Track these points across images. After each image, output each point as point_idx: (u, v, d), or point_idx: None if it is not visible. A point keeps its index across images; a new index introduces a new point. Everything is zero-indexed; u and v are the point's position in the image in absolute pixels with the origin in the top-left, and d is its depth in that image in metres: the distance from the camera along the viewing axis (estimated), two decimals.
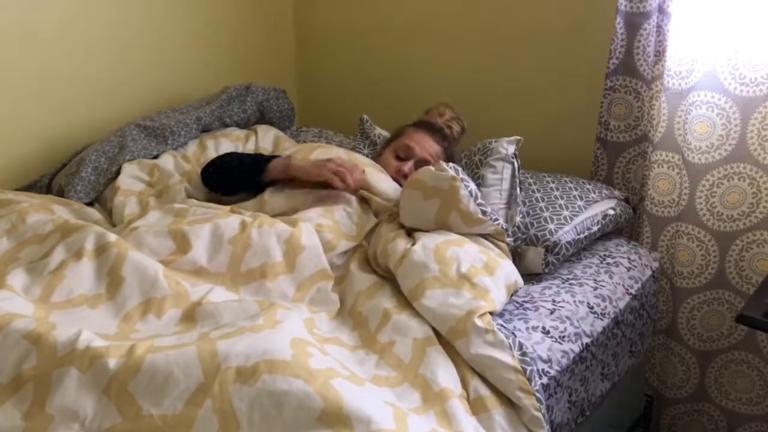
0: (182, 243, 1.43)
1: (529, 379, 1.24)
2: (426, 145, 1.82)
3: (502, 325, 1.36)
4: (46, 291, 1.31)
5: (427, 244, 1.42)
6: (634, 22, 1.83)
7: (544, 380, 1.33)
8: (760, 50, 1.72)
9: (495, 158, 1.71)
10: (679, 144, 1.86)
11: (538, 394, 1.24)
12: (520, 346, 1.29)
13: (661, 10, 1.81)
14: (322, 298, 1.42)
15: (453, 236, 1.47)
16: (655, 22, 1.82)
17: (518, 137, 1.74)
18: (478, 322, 1.28)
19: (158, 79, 2.22)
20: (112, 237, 1.41)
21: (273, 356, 1.08)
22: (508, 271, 1.46)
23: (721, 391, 1.97)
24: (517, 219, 1.66)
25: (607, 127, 1.95)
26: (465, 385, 1.24)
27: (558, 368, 1.39)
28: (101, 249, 1.39)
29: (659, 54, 1.83)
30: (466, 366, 1.26)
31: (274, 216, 1.55)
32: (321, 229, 1.51)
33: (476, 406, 1.21)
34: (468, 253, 1.42)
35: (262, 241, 1.44)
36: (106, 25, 2.06)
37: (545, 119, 2.12)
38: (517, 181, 1.71)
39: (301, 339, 1.16)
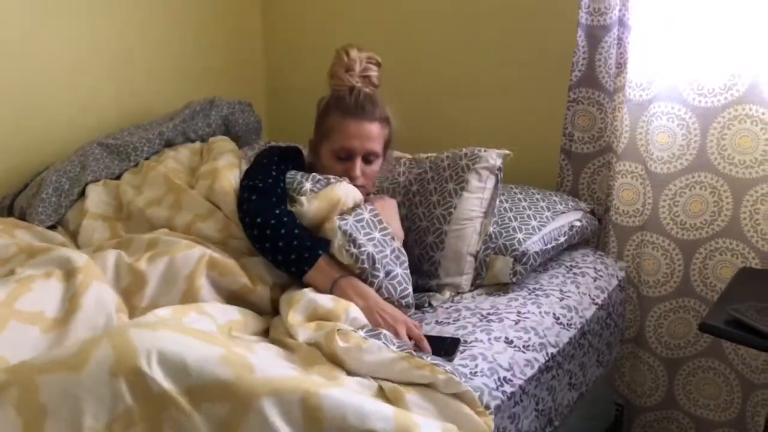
0: (138, 279, 1.41)
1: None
2: (364, 134, 1.60)
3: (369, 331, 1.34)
4: (10, 297, 1.27)
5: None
6: (595, 35, 1.86)
7: (507, 388, 1.33)
8: (717, 61, 1.76)
9: (482, 167, 1.71)
10: (642, 154, 1.89)
11: (435, 362, 1.22)
12: (388, 338, 1.29)
13: (622, 23, 1.84)
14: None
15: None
16: (616, 34, 1.85)
17: (508, 152, 1.75)
18: (341, 343, 1.25)
19: (124, 97, 2.19)
20: (80, 261, 1.38)
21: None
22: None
23: (690, 398, 1.99)
24: (490, 229, 1.68)
25: (572, 139, 1.97)
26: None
27: (522, 377, 1.38)
28: (70, 273, 1.35)
29: (620, 66, 1.86)
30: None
31: None
32: None
33: (393, 399, 1.20)
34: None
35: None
36: (67, 43, 2.04)
37: (510, 131, 2.14)
38: (498, 193, 1.72)
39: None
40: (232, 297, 1.44)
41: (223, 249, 1.53)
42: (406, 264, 1.52)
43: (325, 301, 1.36)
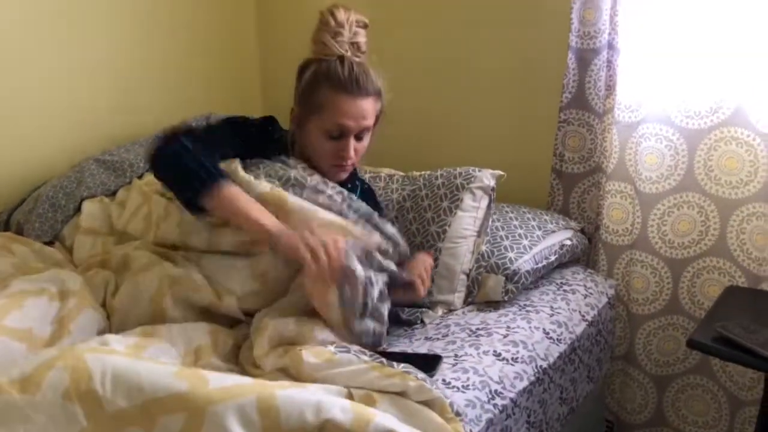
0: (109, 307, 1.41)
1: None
2: (360, 112, 1.46)
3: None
4: (1, 312, 1.27)
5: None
6: (585, 58, 1.90)
7: (498, 401, 1.35)
8: (704, 85, 1.81)
9: (476, 186, 1.74)
10: (631, 174, 1.93)
11: (406, 370, 1.21)
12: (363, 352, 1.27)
13: (611, 46, 1.89)
14: None
15: None
16: (605, 57, 1.89)
17: (501, 173, 1.78)
18: (312, 359, 1.21)
19: (121, 114, 2.22)
20: (74, 285, 1.39)
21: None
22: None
23: (678, 414, 2.02)
24: (483, 248, 1.70)
25: (562, 159, 2.01)
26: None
27: (512, 389, 1.40)
28: (63, 294, 1.36)
29: (610, 88, 1.91)
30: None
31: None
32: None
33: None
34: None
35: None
36: (66, 61, 2.06)
37: (502, 151, 2.17)
38: (491, 212, 1.75)
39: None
40: (203, 311, 1.40)
41: (185, 253, 1.47)
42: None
43: (291, 325, 1.30)
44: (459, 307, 1.70)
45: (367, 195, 1.67)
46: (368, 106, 1.48)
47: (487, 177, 1.75)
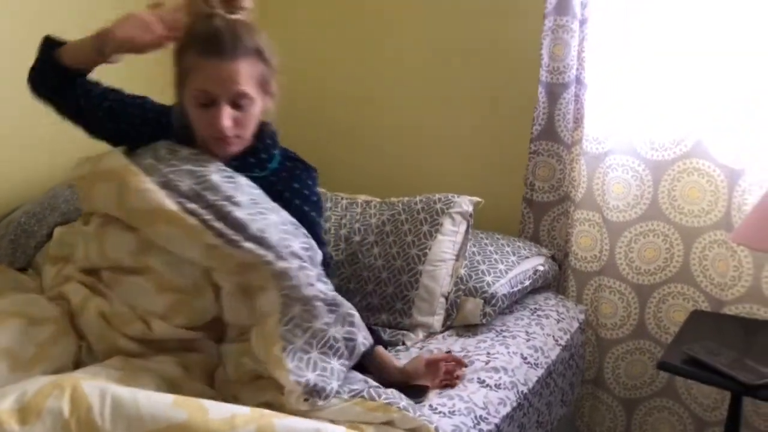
0: None
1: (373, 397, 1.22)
2: (226, 75, 1.30)
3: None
4: None
5: None
6: (555, 92, 1.99)
7: (484, 427, 1.38)
8: (667, 119, 1.90)
9: (455, 211, 1.79)
10: (599, 203, 2.01)
11: (387, 401, 1.21)
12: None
13: (579, 81, 1.98)
14: None
15: None
16: (573, 91, 1.98)
17: (479, 199, 1.85)
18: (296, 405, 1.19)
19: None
20: (51, 311, 1.34)
21: None
22: None
23: None
24: (461, 271, 1.74)
25: (533, 188, 2.08)
26: None
27: (497, 415, 1.43)
28: (41, 319, 1.31)
29: (578, 121, 1.99)
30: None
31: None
32: None
33: None
34: None
35: None
36: None
37: (475, 180, 2.23)
38: (469, 237, 1.80)
39: None
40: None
41: (104, 278, 1.38)
42: None
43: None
44: (438, 330, 1.73)
45: (284, 178, 1.47)
46: (239, 69, 1.31)
47: (466, 203, 1.80)
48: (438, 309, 1.72)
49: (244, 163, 1.41)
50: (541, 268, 1.94)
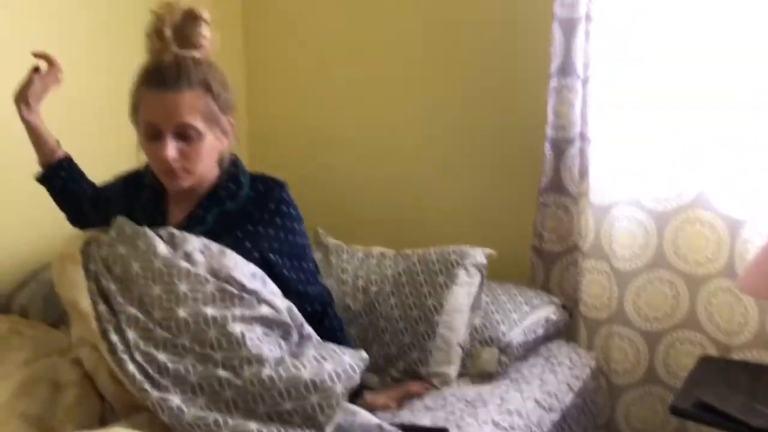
0: None
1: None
2: (169, 106, 1.34)
3: None
4: (13, 396, 1.30)
5: None
6: (560, 147, 2.09)
7: None
8: (669, 171, 1.99)
9: (470, 263, 1.86)
10: (606, 253, 2.08)
11: None
12: None
13: (583, 137, 2.08)
14: None
15: None
16: (578, 146, 2.08)
17: (492, 251, 1.92)
18: None
19: None
20: (75, 375, 1.39)
21: None
22: None
23: None
24: (476, 321, 1.81)
25: (542, 239, 2.16)
26: None
27: None
28: (66, 384, 1.37)
29: (583, 174, 2.08)
30: None
31: None
32: None
33: None
34: None
35: None
36: (78, 144, 2.13)
37: (486, 231, 2.31)
38: (483, 288, 1.87)
39: None
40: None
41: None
42: None
43: None
44: (454, 379, 1.79)
45: (259, 203, 1.48)
46: (184, 100, 1.34)
47: (480, 255, 1.88)
48: (455, 358, 1.78)
49: (214, 198, 1.47)
50: (552, 316, 2.01)
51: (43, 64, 1.59)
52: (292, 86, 2.63)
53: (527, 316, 1.92)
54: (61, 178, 1.67)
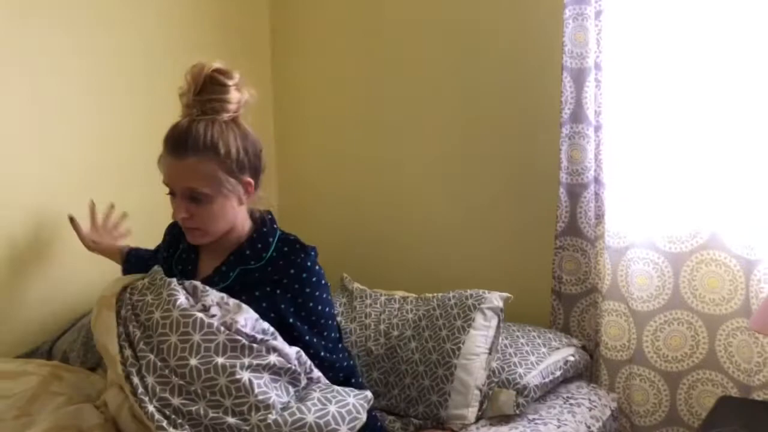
0: None
1: None
2: (176, 172, 1.46)
3: None
4: None
5: None
6: (575, 192, 2.15)
7: None
8: (683, 213, 2.04)
9: (487, 306, 1.91)
10: (624, 294, 2.12)
11: None
12: None
13: (597, 181, 2.14)
14: None
15: None
16: (593, 191, 2.13)
17: (509, 295, 1.97)
18: None
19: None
20: (98, 418, 1.49)
21: None
22: None
23: None
24: (494, 364, 1.86)
25: (561, 281, 2.21)
26: None
27: None
28: (90, 429, 1.46)
29: (599, 217, 2.14)
30: None
31: None
32: None
33: None
34: None
35: None
36: (106, 196, 2.24)
37: (508, 275, 2.37)
38: (500, 331, 1.92)
39: None
40: None
41: None
42: None
43: None
44: (472, 421, 1.83)
45: (280, 266, 1.54)
46: (189, 166, 1.43)
47: (496, 298, 1.94)
48: (472, 401, 1.83)
49: (240, 256, 1.55)
50: (571, 358, 2.04)
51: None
52: (320, 141, 2.75)
53: (545, 358, 1.96)
54: (129, 264, 1.95)
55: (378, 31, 2.57)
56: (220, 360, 1.35)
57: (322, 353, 1.55)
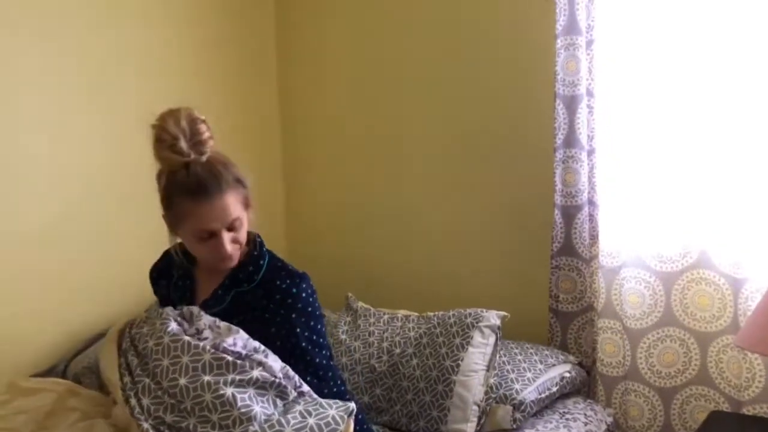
0: None
1: None
2: (220, 211, 1.50)
3: None
4: None
5: None
6: (570, 213, 2.23)
7: None
8: (672, 234, 2.11)
9: (485, 325, 1.99)
10: (618, 312, 2.19)
11: None
12: None
13: (591, 202, 2.22)
14: None
15: None
16: (587, 212, 2.22)
17: (505, 314, 2.05)
18: None
19: None
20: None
21: None
22: None
23: None
24: (491, 380, 1.93)
25: (557, 300, 2.28)
26: None
27: None
28: None
29: (593, 238, 2.22)
30: None
31: None
32: None
33: None
34: None
35: None
36: (126, 222, 2.34)
37: (505, 294, 2.44)
38: (498, 349, 1.99)
39: None
40: None
41: None
42: None
43: None
44: None
45: (269, 289, 1.60)
46: (228, 201, 1.50)
47: (494, 317, 2.01)
48: (471, 416, 1.90)
49: (234, 279, 1.62)
50: (567, 374, 2.11)
51: None
52: (326, 168, 2.85)
53: (541, 374, 2.03)
54: None
55: (380, 60, 2.67)
56: (206, 378, 1.44)
57: (308, 378, 1.57)
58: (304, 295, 1.60)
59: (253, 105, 2.81)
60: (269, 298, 1.59)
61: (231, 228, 1.54)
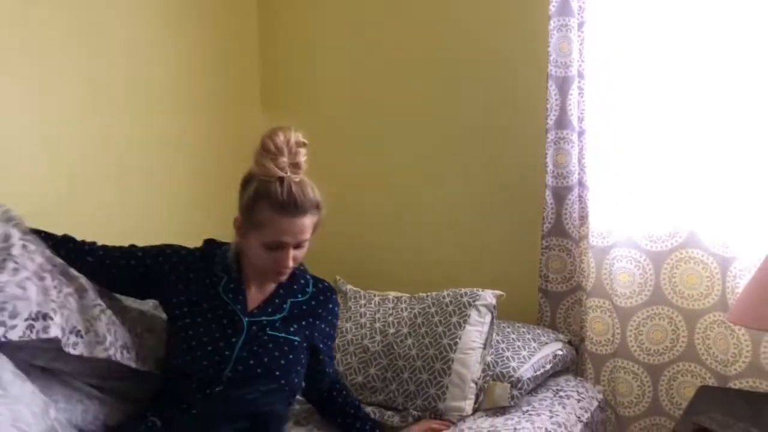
0: None
1: None
2: (297, 229, 1.59)
3: None
4: None
5: None
6: (560, 194, 2.25)
7: None
8: (662, 214, 2.15)
9: (481, 303, 2.01)
10: (608, 291, 2.23)
11: None
12: None
13: (581, 183, 2.24)
14: None
15: None
16: (577, 193, 2.24)
17: (501, 293, 2.07)
18: None
19: None
20: None
21: None
22: None
23: None
24: (488, 358, 1.95)
25: (547, 280, 2.31)
26: None
27: None
28: None
29: (583, 218, 2.24)
30: None
31: None
32: None
33: None
34: None
35: None
36: (106, 195, 2.28)
37: (496, 274, 2.46)
38: (494, 327, 2.01)
39: None
40: None
41: None
42: None
43: None
44: (469, 413, 1.92)
45: (321, 301, 1.77)
46: (306, 222, 1.60)
47: (490, 296, 2.03)
48: (469, 394, 1.91)
49: (290, 289, 1.73)
50: (560, 352, 2.14)
51: None
52: (316, 151, 2.76)
53: (536, 352, 2.06)
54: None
55: (373, 40, 2.65)
56: None
57: (328, 369, 1.79)
58: (336, 309, 1.83)
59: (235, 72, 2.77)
60: (322, 307, 1.77)
61: (298, 246, 1.62)
